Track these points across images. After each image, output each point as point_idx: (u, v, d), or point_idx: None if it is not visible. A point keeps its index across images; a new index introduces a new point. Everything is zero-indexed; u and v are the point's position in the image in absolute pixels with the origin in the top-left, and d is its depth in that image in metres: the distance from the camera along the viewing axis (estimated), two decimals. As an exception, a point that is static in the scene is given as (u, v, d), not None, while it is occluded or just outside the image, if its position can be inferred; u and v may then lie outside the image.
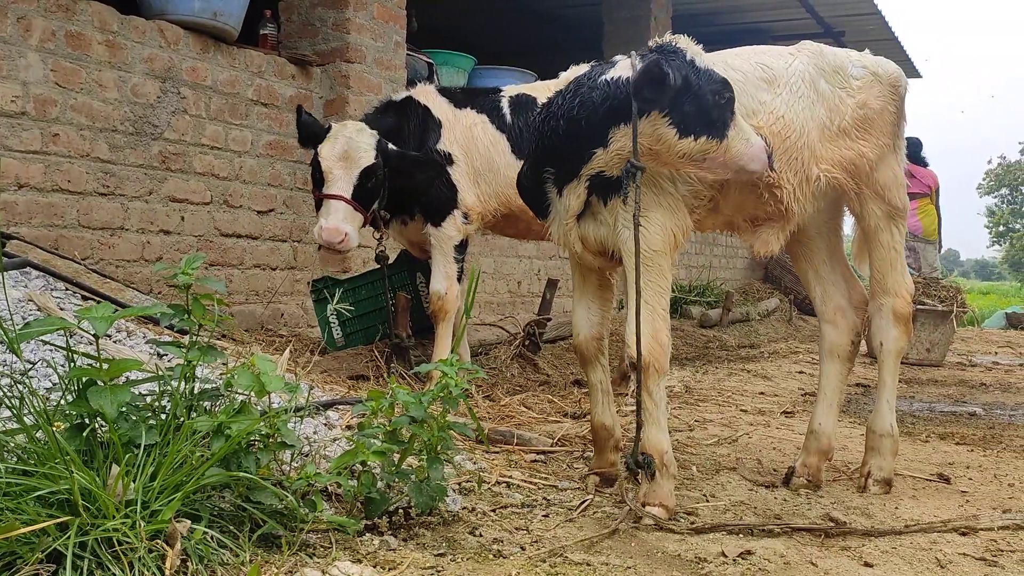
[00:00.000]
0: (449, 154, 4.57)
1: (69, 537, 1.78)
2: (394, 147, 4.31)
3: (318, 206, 4.23)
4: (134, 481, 1.94)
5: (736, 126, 2.63)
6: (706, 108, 2.56)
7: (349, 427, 3.18)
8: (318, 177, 4.20)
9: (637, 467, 2.76)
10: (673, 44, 2.64)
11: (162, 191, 5.05)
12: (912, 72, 14.11)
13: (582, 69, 2.85)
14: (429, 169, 4.39)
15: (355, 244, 4.18)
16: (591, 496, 2.94)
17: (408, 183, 4.37)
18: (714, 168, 2.67)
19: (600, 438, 3.16)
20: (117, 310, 2.10)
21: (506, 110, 4.70)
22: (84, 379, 2.06)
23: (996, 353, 10.04)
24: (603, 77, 2.67)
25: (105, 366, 2.04)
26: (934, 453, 4.05)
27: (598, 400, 3.16)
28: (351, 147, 4.15)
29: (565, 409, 4.48)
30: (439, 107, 4.67)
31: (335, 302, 4.89)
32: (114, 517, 1.86)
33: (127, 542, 1.83)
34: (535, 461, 3.40)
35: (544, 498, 2.92)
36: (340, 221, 4.08)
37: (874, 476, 3.25)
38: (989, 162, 56.84)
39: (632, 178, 2.61)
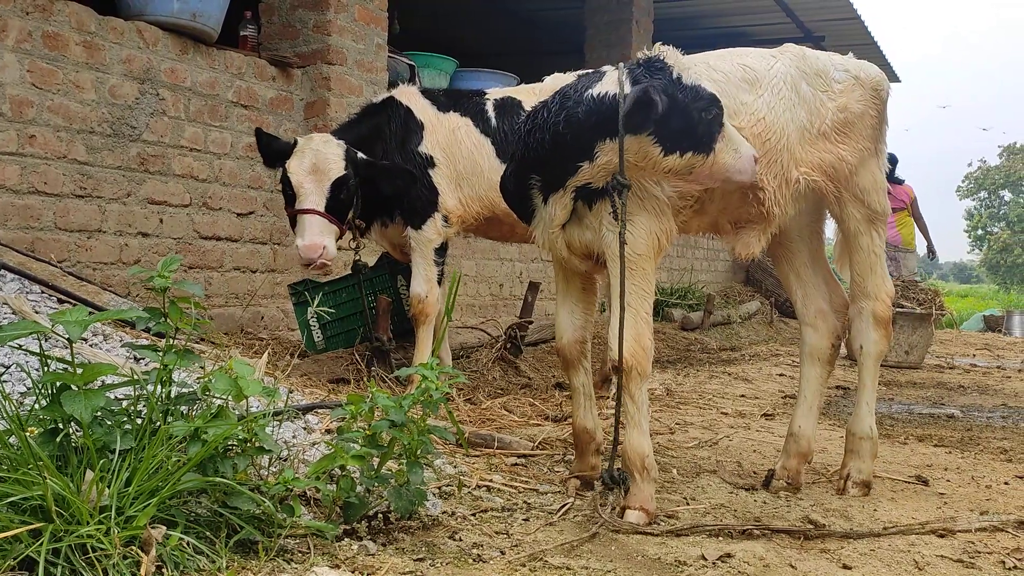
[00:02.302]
0: (430, 156, 4.55)
1: (42, 544, 1.75)
2: (363, 156, 4.28)
3: (292, 223, 4.20)
4: (109, 487, 1.92)
5: (724, 138, 2.62)
6: (692, 125, 2.56)
7: (329, 431, 3.16)
8: (289, 193, 4.17)
9: (612, 482, 2.77)
10: (660, 58, 2.63)
11: (140, 193, 5.01)
12: (892, 76, 14.23)
13: (566, 77, 2.84)
14: (398, 178, 4.36)
15: (334, 256, 4.15)
16: (572, 499, 2.94)
17: (378, 192, 4.34)
18: (701, 180, 2.68)
19: (582, 441, 3.16)
20: (92, 313, 2.07)
21: (491, 113, 4.69)
22: (58, 384, 2.03)
23: (974, 355, 10.14)
24: (589, 92, 2.65)
25: (79, 370, 2.01)
26: (913, 455, 4.07)
27: (580, 403, 3.15)
28: (319, 159, 4.12)
29: (546, 412, 4.47)
30: (422, 109, 4.66)
31: (315, 305, 4.87)
32: (88, 523, 1.83)
33: (101, 549, 1.81)
34: (516, 464, 3.39)
35: (524, 502, 2.91)
36: (317, 235, 4.06)
37: (853, 478, 3.26)
38: (969, 165, 57.46)
39: (618, 194, 2.61)
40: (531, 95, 4.47)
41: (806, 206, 3.26)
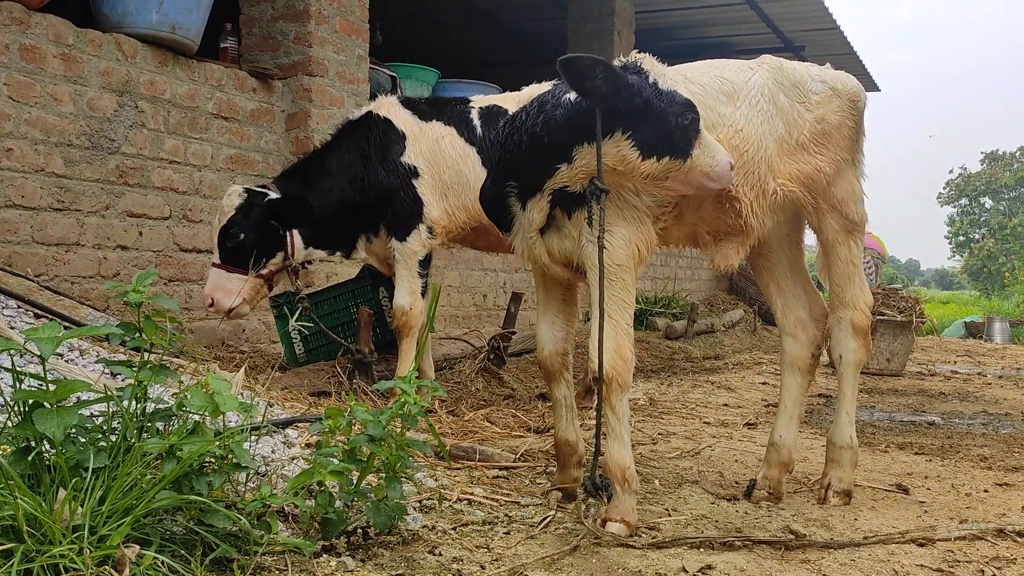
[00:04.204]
0: (414, 167, 4.54)
1: (13, 564, 1.73)
2: (272, 195, 4.35)
3: None
4: (81, 506, 1.89)
5: (701, 144, 2.63)
6: (668, 130, 2.57)
7: (308, 445, 3.13)
8: None
9: (595, 489, 2.75)
10: (637, 64, 2.65)
11: (119, 206, 4.97)
12: (871, 86, 14.35)
13: (545, 87, 2.85)
14: (292, 210, 4.37)
15: (229, 306, 4.27)
16: (553, 512, 2.93)
17: (359, 211, 4.52)
18: (677, 186, 2.69)
19: (563, 454, 3.15)
20: (69, 328, 2.05)
21: (476, 122, 4.65)
22: (30, 401, 2.01)
23: (955, 362, 10.20)
24: (567, 96, 2.67)
25: (52, 387, 1.99)
26: (893, 463, 4.09)
27: (562, 415, 3.14)
28: (220, 214, 4.32)
29: (529, 423, 4.46)
30: (402, 119, 4.63)
31: (294, 318, 4.84)
32: (60, 543, 1.81)
33: (74, 569, 1.79)
34: (497, 477, 3.38)
35: (506, 515, 2.90)
36: (209, 288, 4.32)
37: (834, 488, 3.27)
38: (951, 172, 57.85)
39: (596, 199, 2.61)
40: (517, 103, 4.46)
41: (785, 217, 3.28)
